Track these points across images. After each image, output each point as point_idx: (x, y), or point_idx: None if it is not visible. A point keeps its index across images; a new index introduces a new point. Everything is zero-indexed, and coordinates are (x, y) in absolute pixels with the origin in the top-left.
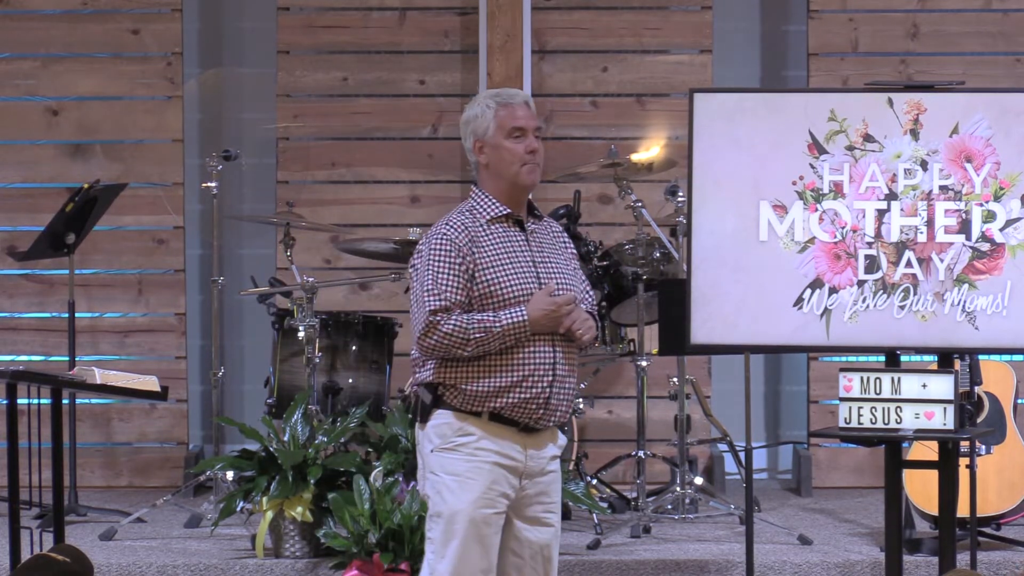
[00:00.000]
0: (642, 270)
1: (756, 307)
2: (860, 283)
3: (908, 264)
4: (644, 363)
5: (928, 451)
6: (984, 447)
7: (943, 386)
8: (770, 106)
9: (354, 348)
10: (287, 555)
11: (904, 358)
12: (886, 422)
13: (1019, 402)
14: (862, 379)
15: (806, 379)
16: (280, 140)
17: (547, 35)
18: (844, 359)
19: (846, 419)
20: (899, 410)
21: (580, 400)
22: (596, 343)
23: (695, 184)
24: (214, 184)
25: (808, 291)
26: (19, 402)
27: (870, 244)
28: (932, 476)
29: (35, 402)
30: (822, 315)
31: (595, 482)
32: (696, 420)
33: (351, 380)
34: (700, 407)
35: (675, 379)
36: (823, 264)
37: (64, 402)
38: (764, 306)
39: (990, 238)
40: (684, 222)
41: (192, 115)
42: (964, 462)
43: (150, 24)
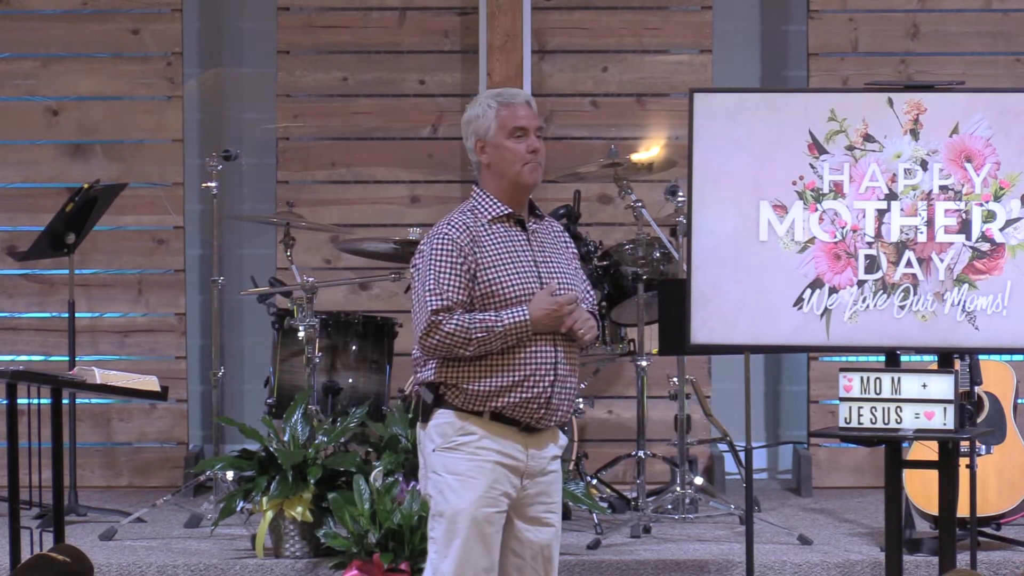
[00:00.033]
0: (642, 270)
1: (756, 307)
2: (860, 283)
3: (908, 264)
4: (644, 363)
5: (928, 451)
6: (984, 447)
7: (943, 386)
8: (770, 106)
9: (354, 348)
10: (287, 555)
11: (904, 358)
12: (886, 422)
13: (1019, 402)
14: (862, 379)
15: (806, 379)
16: (280, 140)
17: (547, 35)
18: (844, 359)
19: (846, 419)
20: (899, 410)
21: (580, 400)
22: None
23: (695, 184)
24: (214, 184)
25: (808, 291)
26: (19, 402)
27: (870, 244)
28: (932, 476)
29: (35, 402)
30: (822, 315)
31: (595, 482)
32: (696, 420)
33: (351, 380)
34: (700, 407)
35: (675, 379)
36: (823, 264)
37: (64, 402)
38: (764, 306)
39: (990, 238)
40: (684, 222)
41: (192, 115)
42: (964, 462)
43: (150, 24)
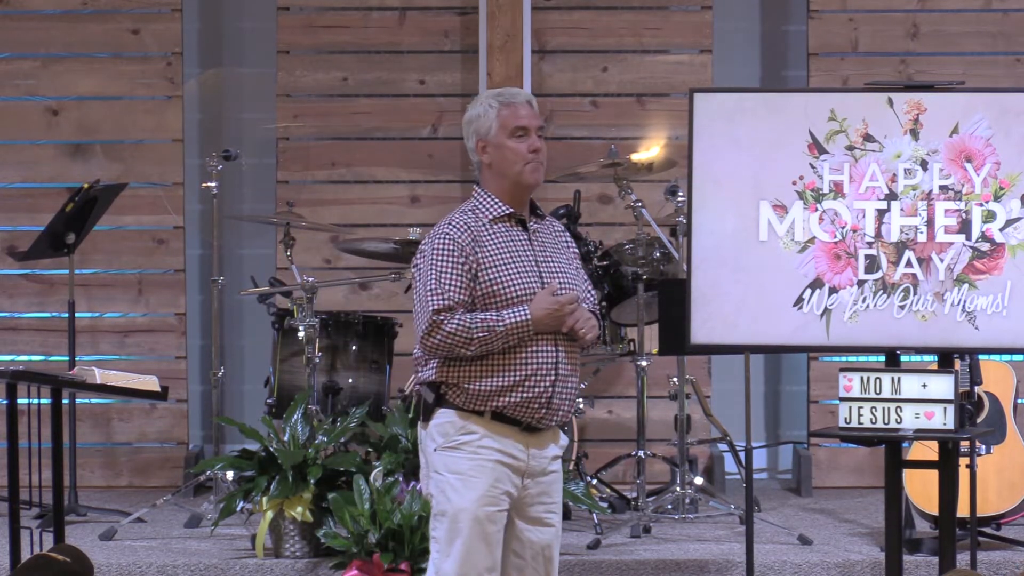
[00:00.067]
0: (642, 270)
1: (756, 307)
2: (860, 283)
3: (908, 264)
4: (644, 363)
5: (928, 451)
6: (984, 447)
7: (943, 386)
8: (770, 106)
9: (354, 348)
10: (287, 555)
11: (904, 358)
12: (886, 422)
13: (1019, 402)
14: (862, 379)
15: (806, 379)
16: (280, 140)
17: (547, 35)
18: (844, 359)
19: (846, 419)
20: (899, 410)
21: (580, 400)
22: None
23: (695, 184)
24: (214, 184)
25: (808, 291)
26: (19, 402)
27: (870, 244)
28: (932, 476)
29: (35, 402)
30: (822, 315)
31: (595, 482)
32: (696, 420)
33: (351, 380)
34: (700, 407)
35: (675, 379)
36: (823, 264)
37: (64, 402)
38: (764, 306)
39: (990, 238)
40: (684, 222)
41: (192, 115)
42: (964, 462)
43: (150, 24)
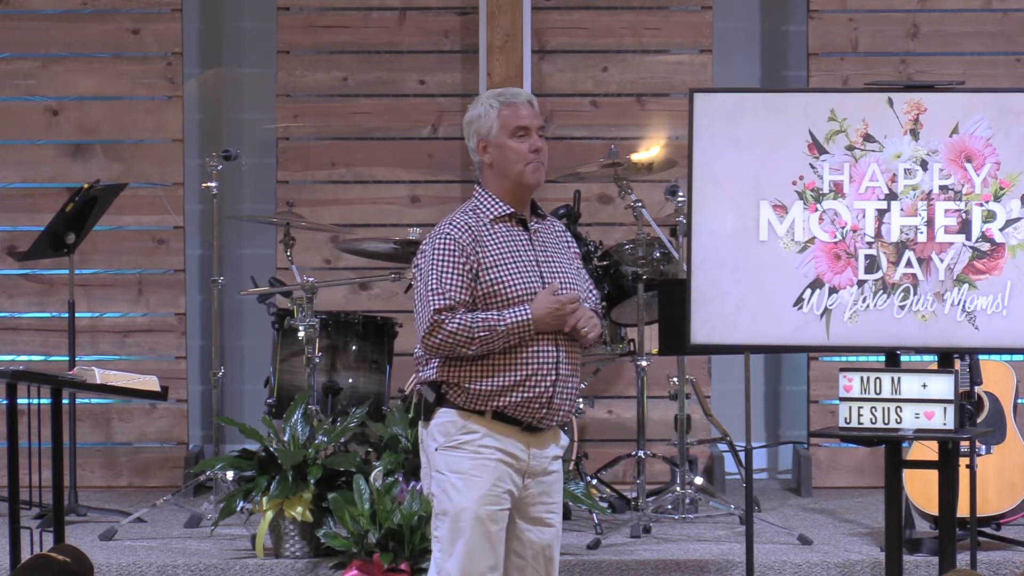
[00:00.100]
0: (642, 270)
1: (756, 307)
2: (860, 283)
3: (908, 264)
4: (644, 363)
5: (928, 451)
6: (984, 447)
7: (943, 386)
8: (770, 106)
9: (354, 348)
10: (287, 555)
11: (904, 358)
12: (886, 422)
13: (1019, 402)
14: (862, 379)
15: (806, 379)
16: (280, 140)
17: (547, 35)
18: (844, 359)
19: (846, 419)
20: (899, 410)
21: (580, 400)
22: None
23: (695, 184)
24: (214, 184)
25: (808, 291)
26: (19, 402)
27: (870, 244)
28: (932, 476)
29: (35, 402)
30: (822, 315)
31: (595, 482)
32: (696, 420)
33: (351, 380)
34: (700, 407)
35: (675, 379)
36: (823, 264)
37: (64, 402)
38: (764, 306)
39: (990, 238)
40: (684, 222)
41: (192, 115)
42: (964, 462)
43: (150, 24)
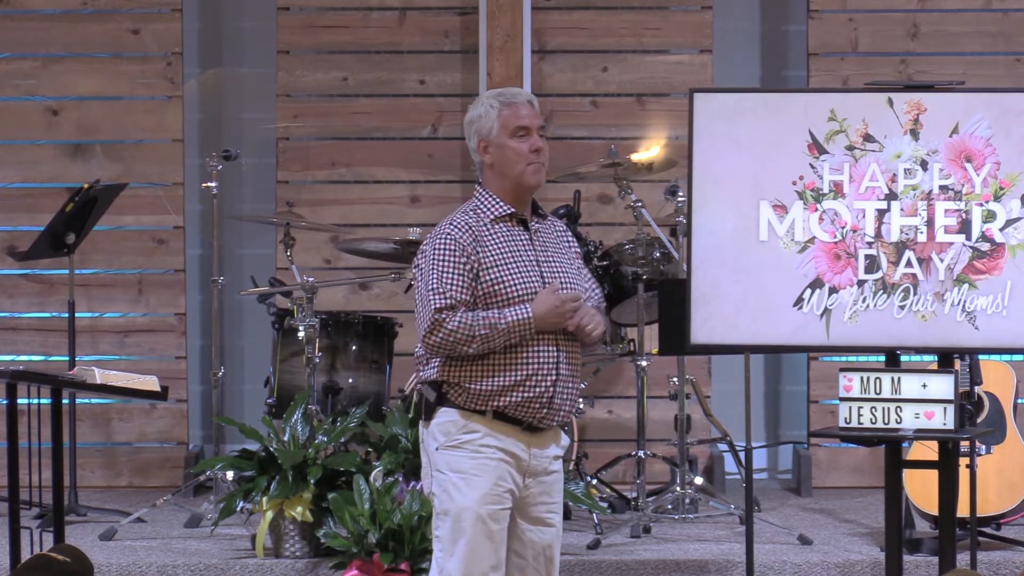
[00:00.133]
0: (642, 270)
1: (756, 307)
2: (860, 283)
3: (908, 264)
4: (644, 363)
5: (928, 451)
6: (984, 447)
7: (943, 386)
8: (770, 106)
9: (354, 348)
10: (287, 555)
11: (904, 358)
12: (886, 422)
13: (1019, 402)
14: (862, 379)
15: (806, 379)
16: (280, 140)
17: (547, 35)
18: (844, 359)
19: (846, 419)
20: (899, 410)
21: (580, 400)
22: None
23: (695, 184)
24: (214, 184)
25: (808, 291)
26: (19, 402)
27: (870, 244)
28: (932, 476)
29: (35, 402)
30: (822, 315)
31: (595, 482)
32: (696, 420)
33: (351, 380)
34: (700, 407)
35: (675, 379)
36: (823, 264)
37: (64, 402)
38: (764, 306)
39: (990, 238)
40: (684, 222)
41: (192, 115)
42: (964, 462)
43: (150, 24)
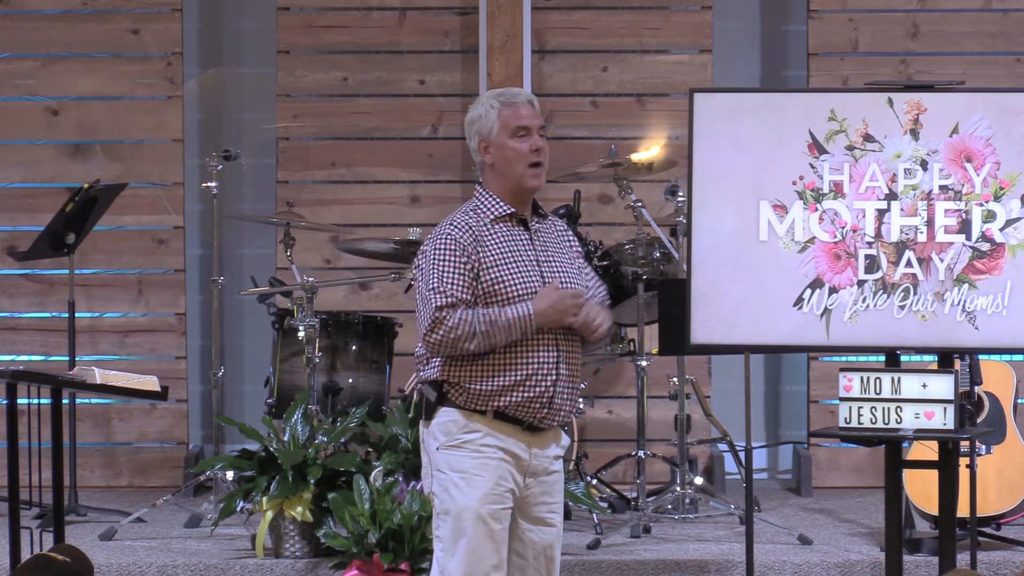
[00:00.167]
0: (642, 270)
1: (756, 307)
2: (860, 283)
3: (908, 264)
4: (644, 363)
5: (928, 451)
6: (984, 447)
7: (943, 386)
8: (770, 106)
9: (354, 348)
10: (287, 555)
11: (904, 358)
12: (886, 422)
13: (1019, 402)
14: (862, 379)
15: (806, 379)
16: (280, 140)
17: (547, 35)
18: (844, 359)
19: (846, 419)
20: (899, 410)
21: (580, 400)
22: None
23: (695, 184)
24: (214, 184)
25: (808, 291)
26: (19, 402)
27: (870, 244)
28: (932, 476)
29: (35, 402)
30: (822, 315)
31: (595, 482)
32: (696, 420)
33: (351, 380)
34: (700, 407)
35: (675, 379)
36: (823, 264)
37: (64, 402)
38: (764, 306)
39: (990, 238)
40: (684, 222)
41: (192, 115)
42: (964, 462)
43: (150, 24)
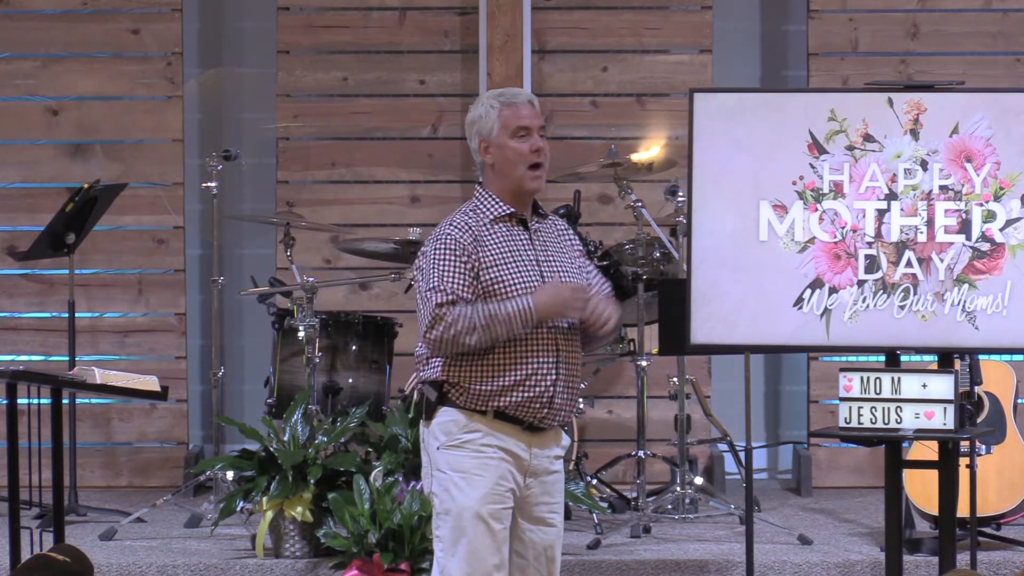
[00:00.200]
0: (642, 270)
1: (756, 307)
2: (860, 283)
3: (908, 264)
4: (644, 363)
5: (928, 451)
6: (984, 447)
7: (943, 386)
8: (770, 106)
9: (354, 348)
10: (287, 555)
11: (904, 358)
12: (886, 422)
13: (1019, 402)
14: (862, 379)
15: (806, 379)
16: (280, 140)
17: (547, 35)
18: (844, 359)
19: (846, 419)
20: (899, 410)
21: (580, 400)
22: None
23: (695, 184)
24: (214, 184)
25: (808, 291)
26: (19, 402)
27: (870, 244)
28: (932, 476)
29: (35, 402)
30: (822, 315)
31: (595, 482)
32: (696, 420)
33: (351, 380)
34: (700, 407)
35: (675, 379)
36: (823, 264)
37: (64, 402)
38: (764, 306)
39: (990, 238)
40: (684, 222)
41: (192, 115)
42: (964, 462)
43: (150, 24)
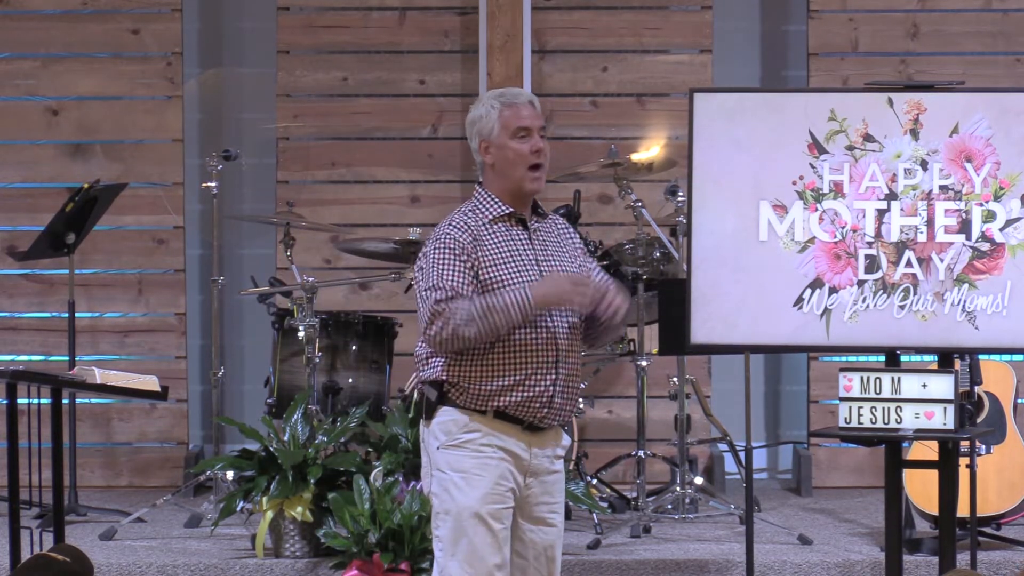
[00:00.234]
0: (642, 270)
1: (756, 307)
2: (860, 283)
3: (908, 264)
4: (644, 363)
5: (928, 451)
6: (984, 447)
7: (943, 386)
8: (770, 106)
9: (354, 348)
10: (287, 555)
11: (904, 358)
12: (886, 422)
13: (1019, 402)
14: (862, 379)
15: (806, 379)
16: (280, 140)
17: (547, 35)
18: (844, 359)
19: (846, 419)
20: (899, 410)
21: (580, 400)
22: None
23: (695, 184)
24: (214, 184)
25: (808, 291)
26: (19, 402)
27: (870, 244)
28: (932, 476)
29: (35, 402)
30: (822, 315)
31: (595, 482)
32: (696, 420)
33: (351, 380)
34: (700, 407)
35: (675, 379)
36: (823, 264)
37: (64, 402)
38: (764, 306)
39: (990, 238)
40: (684, 222)
41: (192, 115)
42: (964, 462)
43: (150, 24)
